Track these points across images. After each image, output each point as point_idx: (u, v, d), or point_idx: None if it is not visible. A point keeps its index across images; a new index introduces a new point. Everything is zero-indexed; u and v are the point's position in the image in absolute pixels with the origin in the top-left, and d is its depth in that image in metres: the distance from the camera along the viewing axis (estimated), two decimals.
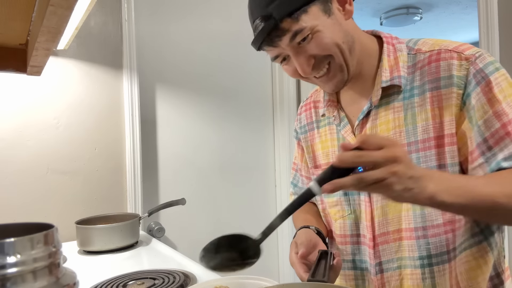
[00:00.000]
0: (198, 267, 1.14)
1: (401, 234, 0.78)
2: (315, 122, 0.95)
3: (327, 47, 0.73)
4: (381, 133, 0.78)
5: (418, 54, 0.77)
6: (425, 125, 0.74)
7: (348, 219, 0.86)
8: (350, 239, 0.87)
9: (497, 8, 1.61)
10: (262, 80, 2.19)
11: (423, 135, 0.74)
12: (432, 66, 0.74)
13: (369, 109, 0.80)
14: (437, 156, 0.72)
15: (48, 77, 1.55)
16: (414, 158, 0.74)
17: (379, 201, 0.80)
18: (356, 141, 0.55)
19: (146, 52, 1.83)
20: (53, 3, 0.56)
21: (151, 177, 1.84)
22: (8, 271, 0.44)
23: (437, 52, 0.74)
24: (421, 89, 0.75)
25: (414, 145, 0.75)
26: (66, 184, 1.59)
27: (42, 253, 0.48)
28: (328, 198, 0.91)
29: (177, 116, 1.93)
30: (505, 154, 0.67)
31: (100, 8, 1.68)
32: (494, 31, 1.62)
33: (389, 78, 0.77)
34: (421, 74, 0.75)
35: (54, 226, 0.52)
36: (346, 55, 0.75)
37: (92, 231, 1.38)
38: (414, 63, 0.77)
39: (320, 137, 0.93)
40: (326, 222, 0.96)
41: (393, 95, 0.78)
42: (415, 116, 0.75)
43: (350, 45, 0.75)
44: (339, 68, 0.76)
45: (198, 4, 1.98)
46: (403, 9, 3.75)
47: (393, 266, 0.79)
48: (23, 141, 1.51)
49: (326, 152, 0.91)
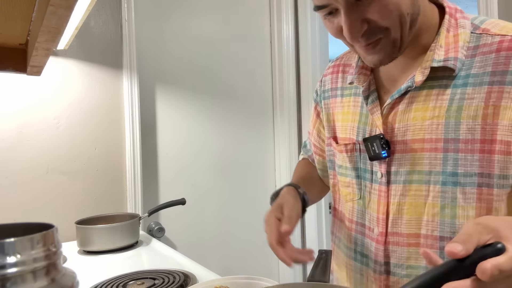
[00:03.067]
0: (198, 267, 1.14)
1: (418, 240, 0.67)
2: (339, 89, 0.83)
3: (389, 16, 0.60)
4: (413, 120, 0.67)
5: (484, 36, 0.64)
6: (471, 124, 0.62)
7: (357, 204, 0.78)
8: (355, 226, 0.79)
9: (497, 8, 1.61)
10: (262, 80, 2.19)
11: (466, 135, 0.62)
12: (501, 54, 0.61)
13: (408, 89, 0.67)
14: (482, 163, 0.61)
15: (48, 77, 1.55)
16: (451, 159, 0.63)
17: (397, 196, 0.70)
18: (483, 276, 0.41)
19: (146, 52, 1.83)
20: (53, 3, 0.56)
21: (151, 177, 1.84)
22: (8, 271, 0.44)
23: (511, 39, 0.61)
24: (479, 79, 0.62)
25: (453, 143, 0.63)
26: (66, 184, 1.59)
27: (42, 253, 0.48)
28: (341, 177, 0.82)
29: (177, 116, 1.93)
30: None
31: (100, 8, 1.68)
32: None
33: (443, 58, 0.64)
34: (484, 61, 0.62)
35: (54, 226, 0.52)
36: (405, 30, 0.62)
37: (92, 231, 1.38)
38: (477, 45, 0.64)
39: (343, 107, 0.81)
40: (333, 198, 0.88)
41: (442, 79, 0.65)
42: (462, 110, 0.63)
43: (414, 17, 0.63)
44: (392, 43, 0.63)
45: (198, 4, 1.98)
46: None
47: (402, 272, 0.70)
48: (23, 141, 1.51)
49: (345, 126, 0.80)
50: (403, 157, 0.68)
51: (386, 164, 0.70)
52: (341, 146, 0.81)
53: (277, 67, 2.18)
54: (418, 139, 0.67)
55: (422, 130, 0.66)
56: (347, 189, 0.81)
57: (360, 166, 0.77)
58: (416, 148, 0.66)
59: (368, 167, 0.75)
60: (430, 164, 0.66)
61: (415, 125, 0.67)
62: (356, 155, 0.77)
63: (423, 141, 0.66)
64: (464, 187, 0.63)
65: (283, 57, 2.15)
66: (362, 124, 0.76)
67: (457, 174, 0.64)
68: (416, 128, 0.67)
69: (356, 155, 0.77)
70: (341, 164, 0.82)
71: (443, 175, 0.65)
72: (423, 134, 0.66)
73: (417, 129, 0.67)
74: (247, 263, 2.06)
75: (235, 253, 2.05)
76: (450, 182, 0.64)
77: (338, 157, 0.83)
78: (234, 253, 2.05)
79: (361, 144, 0.75)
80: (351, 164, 0.78)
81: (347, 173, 0.80)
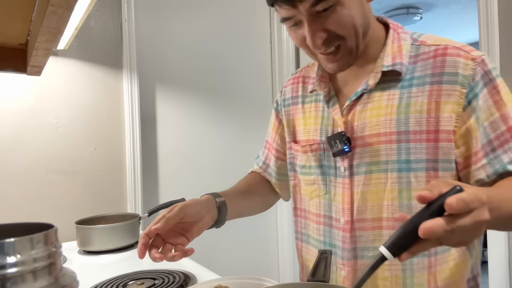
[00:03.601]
0: (198, 267, 1.14)
1: (381, 223, 0.76)
2: (300, 97, 0.92)
3: (345, 26, 0.70)
4: (370, 118, 0.76)
5: (422, 46, 0.76)
6: (418, 117, 0.72)
7: (323, 199, 0.85)
8: (323, 220, 0.85)
9: (497, 8, 1.61)
10: (262, 80, 2.19)
11: (415, 127, 0.72)
12: (437, 60, 0.73)
13: (363, 91, 0.78)
14: (428, 150, 0.72)
15: (48, 77, 1.55)
16: (404, 149, 0.73)
17: (360, 186, 0.78)
18: (450, 207, 0.47)
19: (146, 52, 1.83)
20: (53, 3, 0.56)
21: (151, 177, 1.84)
22: (8, 271, 0.44)
23: (444, 47, 0.74)
24: (422, 80, 0.74)
25: (404, 135, 0.73)
26: (66, 184, 1.59)
27: (42, 253, 0.48)
28: (305, 176, 0.89)
29: (177, 116, 1.93)
30: (510, 157, 0.69)
31: (100, 8, 1.68)
32: (494, 31, 1.62)
33: (391, 64, 0.75)
34: (424, 66, 0.74)
35: (54, 226, 0.52)
36: (359, 40, 0.73)
37: (92, 231, 1.38)
38: (417, 54, 0.76)
39: (304, 113, 0.90)
40: (293, 199, 0.94)
41: (391, 81, 0.76)
42: (410, 106, 0.73)
43: (365, 29, 0.74)
44: (348, 51, 0.73)
45: (198, 4, 1.98)
46: (403, 9, 3.75)
47: (368, 254, 0.77)
48: (23, 141, 1.51)
49: (308, 129, 0.88)
50: (363, 151, 0.77)
51: (348, 159, 0.79)
52: (305, 147, 0.87)
53: (277, 67, 2.18)
54: (375, 133, 0.76)
55: (378, 125, 0.75)
56: (312, 186, 0.87)
57: (324, 164, 0.84)
58: (374, 142, 0.76)
59: (332, 164, 0.82)
60: (386, 154, 0.75)
61: (371, 122, 0.76)
62: (320, 154, 0.85)
63: (379, 135, 0.75)
64: (416, 172, 0.73)
65: (283, 57, 2.15)
66: (324, 125, 0.84)
67: (410, 161, 0.73)
68: (372, 124, 0.76)
69: (320, 153, 0.85)
70: (304, 164, 0.89)
71: (398, 163, 0.74)
72: (379, 129, 0.75)
73: (373, 125, 0.76)
74: (247, 263, 2.06)
75: (235, 253, 2.05)
76: (405, 169, 0.74)
77: (301, 158, 0.89)
78: (234, 253, 2.05)
79: (324, 143, 0.83)
80: (316, 162, 0.85)
81: (311, 171, 0.87)
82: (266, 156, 1.05)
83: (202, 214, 0.80)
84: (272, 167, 1.02)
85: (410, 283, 0.74)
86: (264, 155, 1.05)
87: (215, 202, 0.85)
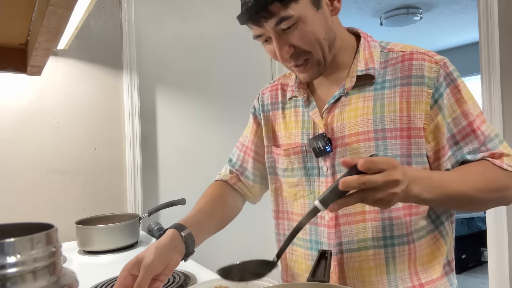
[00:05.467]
0: (198, 267, 1.14)
1: (364, 216, 0.80)
2: (280, 103, 0.97)
3: (308, 42, 0.76)
4: (348, 119, 0.82)
5: (390, 53, 0.83)
6: (392, 116, 0.78)
7: (308, 199, 0.88)
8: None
9: (497, 8, 1.61)
10: (262, 80, 2.19)
11: (390, 125, 0.78)
12: (405, 64, 0.80)
13: (341, 95, 0.83)
14: (402, 146, 0.78)
15: (48, 77, 1.55)
16: (381, 146, 0.78)
17: None
18: (359, 165, 0.60)
19: (146, 52, 1.83)
20: (53, 3, 0.56)
21: (151, 177, 1.84)
22: (8, 271, 0.44)
23: (410, 53, 0.81)
24: (392, 83, 0.80)
25: (381, 132, 0.79)
26: (66, 184, 1.59)
27: (42, 253, 0.48)
28: (288, 179, 0.92)
29: (177, 116, 1.93)
30: (469, 148, 0.78)
31: (100, 8, 1.68)
32: (494, 31, 1.62)
33: (365, 68, 0.81)
34: (394, 70, 0.81)
35: (54, 226, 0.52)
36: (325, 52, 0.79)
37: (92, 231, 1.38)
38: (387, 59, 0.83)
39: (284, 118, 0.94)
40: (274, 202, 0.97)
41: (365, 85, 0.82)
42: (384, 107, 0.79)
43: (331, 41, 0.80)
44: (316, 62, 0.80)
45: (198, 4, 1.98)
46: (403, 9, 3.75)
47: (353, 247, 0.81)
48: (23, 141, 1.51)
49: (289, 133, 0.92)
50: (344, 150, 0.82)
51: (330, 158, 0.83)
52: (287, 150, 0.91)
53: (277, 67, 2.18)
54: (353, 133, 0.81)
55: (356, 125, 0.81)
56: (296, 188, 0.91)
57: (307, 165, 0.88)
58: (353, 141, 0.81)
59: (314, 164, 0.86)
60: (366, 152, 0.79)
61: (350, 123, 0.81)
62: (303, 156, 0.88)
63: (358, 134, 0.80)
64: None
65: None
66: (305, 129, 0.88)
67: (387, 156, 0.77)
68: (351, 125, 0.81)
69: (303, 155, 0.88)
70: (286, 167, 0.92)
71: None
72: (357, 128, 0.80)
73: (352, 125, 0.81)
74: None
75: (235, 253, 2.05)
76: None
77: (282, 161, 0.92)
78: (234, 253, 2.04)
79: (306, 145, 0.87)
80: (299, 164, 0.89)
81: (294, 173, 0.90)
82: (243, 159, 1.06)
83: (170, 257, 0.78)
84: (250, 170, 1.04)
85: (393, 270, 0.79)
86: (240, 158, 1.06)
87: (181, 237, 0.83)
